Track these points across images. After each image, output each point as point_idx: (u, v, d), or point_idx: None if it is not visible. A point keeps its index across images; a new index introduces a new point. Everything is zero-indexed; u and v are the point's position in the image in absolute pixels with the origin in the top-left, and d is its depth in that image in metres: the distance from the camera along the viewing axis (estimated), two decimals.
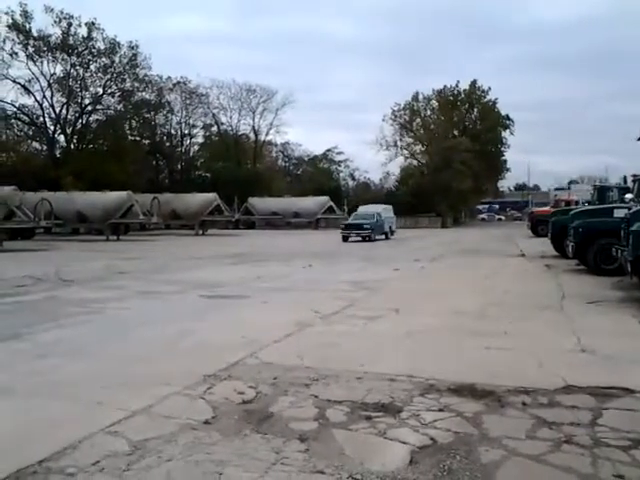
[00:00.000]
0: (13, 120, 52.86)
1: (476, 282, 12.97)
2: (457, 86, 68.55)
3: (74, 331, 7.63)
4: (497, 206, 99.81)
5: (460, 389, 4.89)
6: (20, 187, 28.08)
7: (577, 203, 30.05)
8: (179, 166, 67.77)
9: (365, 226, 31.23)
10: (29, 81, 50.96)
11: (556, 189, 67.97)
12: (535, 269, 15.78)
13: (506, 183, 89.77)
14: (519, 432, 3.94)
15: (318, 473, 3.38)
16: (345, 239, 30.94)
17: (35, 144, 56.48)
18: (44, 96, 52.13)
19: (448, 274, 15.02)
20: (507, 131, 68.08)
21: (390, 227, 35.03)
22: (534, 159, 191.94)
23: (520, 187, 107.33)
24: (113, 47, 52.63)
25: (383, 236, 33.37)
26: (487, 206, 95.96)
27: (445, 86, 68.86)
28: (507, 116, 67.54)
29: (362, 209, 36.49)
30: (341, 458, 3.58)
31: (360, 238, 31.26)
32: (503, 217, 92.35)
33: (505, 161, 71.15)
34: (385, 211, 35.28)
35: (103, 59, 52.89)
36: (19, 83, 50.61)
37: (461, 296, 10.56)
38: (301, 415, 4.34)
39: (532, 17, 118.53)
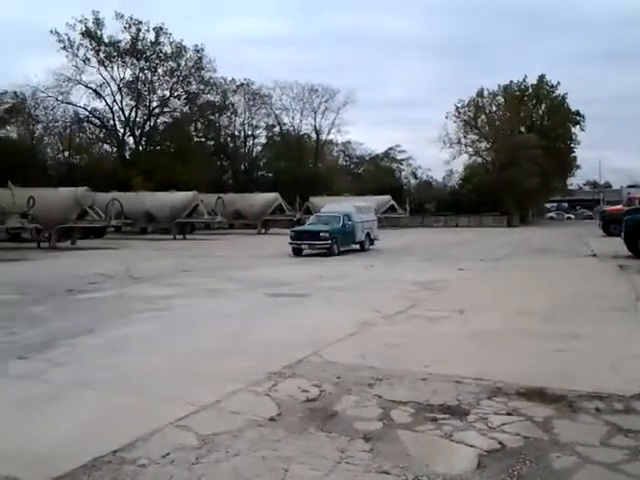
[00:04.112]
0: (85, 123, 55.19)
1: (545, 283, 12.58)
2: (524, 81, 66.39)
3: (143, 327, 7.90)
4: (566, 204, 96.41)
5: (529, 393, 4.75)
6: (92, 187, 29.19)
7: None
8: (242, 166, 68.81)
9: (322, 234, 21.18)
10: (100, 86, 53.05)
11: (629, 186, 65.04)
12: (607, 269, 15.13)
13: (576, 180, 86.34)
14: (593, 439, 3.81)
15: (383, 473, 3.37)
16: (297, 252, 21.25)
17: (106, 146, 58.67)
18: (114, 100, 54.17)
19: (515, 275, 14.63)
20: (577, 127, 65.60)
21: (369, 234, 24.26)
22: (606, 155, 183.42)
23: (591, 184, 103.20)
24: (179, 51, 54.09)
25: (357, 246, 23.30)
26: (556, 204, 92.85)
27: (511, 81, 66.76)
28: (577, 112, 64.94)
29: (328, 208, 25.63)
30: (406, 459, 3.55)
31: (320, 251, 21.30)
32: (573, 216, 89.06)
33: (575, 158, 68.42)
34: (360, 211, 24.28)
35: (170, 63, 54.44)
36: (91, 88, 52.73)
37: (529, 297, 10.26)
38: (365, 415, 4.33)
39: (603, 7, 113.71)
